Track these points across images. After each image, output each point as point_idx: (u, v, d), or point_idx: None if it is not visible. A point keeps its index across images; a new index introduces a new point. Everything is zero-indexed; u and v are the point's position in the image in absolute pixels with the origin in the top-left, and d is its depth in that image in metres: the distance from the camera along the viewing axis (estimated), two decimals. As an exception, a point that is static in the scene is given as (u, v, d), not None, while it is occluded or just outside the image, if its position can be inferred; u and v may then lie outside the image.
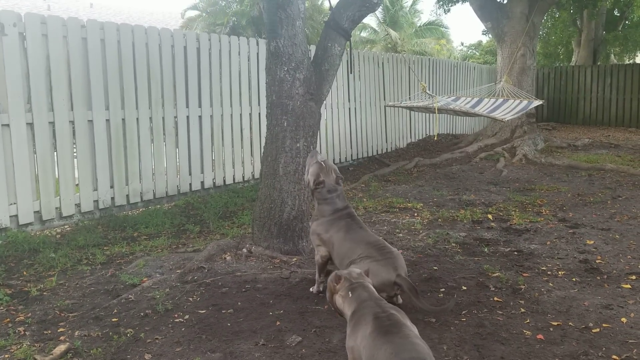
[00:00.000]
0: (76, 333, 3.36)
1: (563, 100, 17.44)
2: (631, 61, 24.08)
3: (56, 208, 5.89)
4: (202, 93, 7.40)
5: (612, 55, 23.08)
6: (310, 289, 3.95)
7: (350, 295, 2.50)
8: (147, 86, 6.73)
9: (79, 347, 3.15)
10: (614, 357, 3.03)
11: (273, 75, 4.63)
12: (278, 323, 3.46)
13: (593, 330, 3.35)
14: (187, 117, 7.24)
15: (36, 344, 3.21)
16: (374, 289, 2.56)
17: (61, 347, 3.10)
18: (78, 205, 6.09)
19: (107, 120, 6.31)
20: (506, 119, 7.77)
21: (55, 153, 5.92)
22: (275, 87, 4.61)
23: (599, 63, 18.51)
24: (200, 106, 7.37)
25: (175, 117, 7.13)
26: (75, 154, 6.14)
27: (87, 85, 6.10)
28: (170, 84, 7.02)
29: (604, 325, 3.42)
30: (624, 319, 3.50)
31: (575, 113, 17.24)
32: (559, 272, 4.36)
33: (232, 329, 3.38)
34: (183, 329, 3.38)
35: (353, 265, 3.49)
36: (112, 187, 6.42)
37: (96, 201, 6.26)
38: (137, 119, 6.64)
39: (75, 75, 6.00)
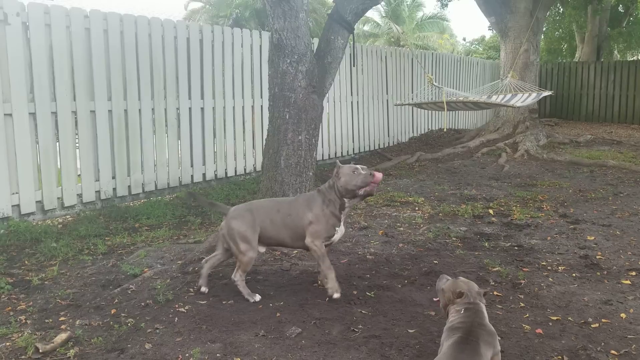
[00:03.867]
0: (77, 322, 3.37)
1: (566, 96, 17.40)
2: (634, 58, 23.98)
3: (58, 198, 5.90)
4: (204, 85, 7.40)
5: (616, 52, 22.98)
6: (335, 295, 3.66)
7: (462, 312, 2.73)
8: (149, 77, 6.73)
9: (80, 335, 3.16)
10: (613, 352, 3.04)
11: (275, 67, 4.63)
12: (278, 314, 3.47)
13: (592, 326, 3.36)
14: (189, 108, 7.24)
15: (37, 333, 3.22)
16: (484, 313, 2.75)
17: (62, 336, 3.11)
18: (80, 196, 6.10)
19: (110, 111, 6.31)
20: (519, 106, 7.69)
21: (57, 143, 5.93)
22: (278, 80, 4.61)
23: (602, 59, 18.45)
24: (202, 98, 7.37)
25: (178, 108, 7.13)
26: (77, 145, 6.15)
27: (89, 76, 6.10)
28: (172, 76, 7.02)
29: (603, 320, 3.43)
30: (623, 315, 3.51)
31: (578, 109, 17.22)
32: (559, 268, 4.37)
33: (232, 320, 3.39)
34: (183, 319, 3.40)
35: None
36: (114, 177, 6.43)
37: (98, 192, 6.27)
38: (140, 110, 6.64)
39: (78, 66, 6.00)
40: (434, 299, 3.16)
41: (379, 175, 3.63)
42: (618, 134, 13.89)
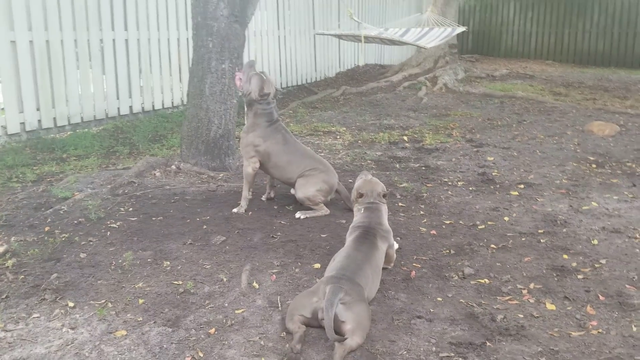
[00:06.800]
0: (12, 239, 3.56)
1: (487, 32, 18.06)
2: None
3: (-19, 130, 5.87)
4: (127, 15, 7.33)
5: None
6: (235, 210, 4.09)
7: (362, 212, 3.17)
8: (70, 6, 6.61)
9: (16, 249, 3.38)
10: (492, 246, 3.59)
11: (197, -4, 4.76)
12: (205, 227, 3.80)
13: (479, 227, 3.91)
14: (113, 40, 7.19)
15: (-26, 249, 3.41)
16: (384, 212, 3.22)
17: (-1, 249, 3.33)
18: (4, 127, 6.08)
19: (31, 42, 6.22)
20: (429, 47, 8.17)
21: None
22: (200, 8, 4.75)
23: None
24: (126, 29, 7.32)
25: (101, 40, 7.07)
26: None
27: (8, 4, 5.95)
28: (94, 5, 6.91)
29: (489, 223, 3.98)
30: (506, 218, 4.08)
31: (497, 45, 17.94)
32: (459, 183, 4.92)
33: (162, 232, 3.70)
34: (115, 233, 3.67)
35: (304, 178, 4.06)
36: (38, 109, 6.40)
37: (22, 123, 6.26)
38: (62, 41, 6.56)
39: (-7, -7, 5.84)
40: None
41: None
42: (532, 69, 14.71)
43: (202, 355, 2.35)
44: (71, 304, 2.75)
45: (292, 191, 4.21)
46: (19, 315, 2.66)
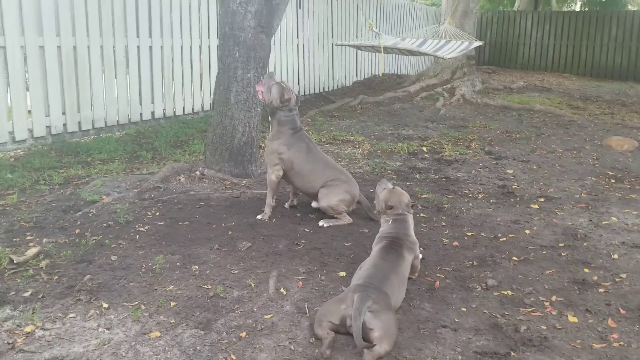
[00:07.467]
0: (44, 240, 3.67)
1: (504, 44, 18.09)
2: (570, 8, 24.89)
3: (9, 132, 6.00)
4: (152, 23, 7.47)
5: (554, 2, 23.78)
6: (259, 217, 4.18)
7: (390, 223, 3.23)
8: (97, 13, 6.75)
9: (49, 250, 3.48)
10: (514, 258, 3.63)
11: (226, 7, 4.86)
12: (230, 232, 3.88)
13: (501, 239, 3.95)
14: (138, 47, 7.33)
15: (8, 249, 3.51)
16: (411, 223, 3.27)
17: (33, 250, 3.42)
18: (31, 130, 6.21)
19: (58, 47, 6.36)
20: (447, 57, 8.25)
21: (7, 78, 5.97)
22: (228, 19, 4.86)
23: (539, 9, 19.16)
24: (150, 36, 7.46)
25: (126, 46, 7.20)
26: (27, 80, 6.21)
27: (37, 9, 6.10)
28: (121, 12, 7.05)
29: (510, 235, 4.03)
30: (527, 231, 4.12)
31: (515, 57, 17.96)
32: (479, 195, 4.96)
33: (189, 237, 3.78)
34: (144, 237, 3.76)
35: (327, 188, 4.13)
36: (64, 113, 6.54)
37: (48, 127, 6.39)
38: (88, 46, 6.70)
39: (25, -1, 5.99)
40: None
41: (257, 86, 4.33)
42: (549, 82, 14.72)
43: (234, 357, 2.42)
44: (105, 305, 2.84)
45: (314, 204, 4.28)
46: (55, 314, 2.75)
